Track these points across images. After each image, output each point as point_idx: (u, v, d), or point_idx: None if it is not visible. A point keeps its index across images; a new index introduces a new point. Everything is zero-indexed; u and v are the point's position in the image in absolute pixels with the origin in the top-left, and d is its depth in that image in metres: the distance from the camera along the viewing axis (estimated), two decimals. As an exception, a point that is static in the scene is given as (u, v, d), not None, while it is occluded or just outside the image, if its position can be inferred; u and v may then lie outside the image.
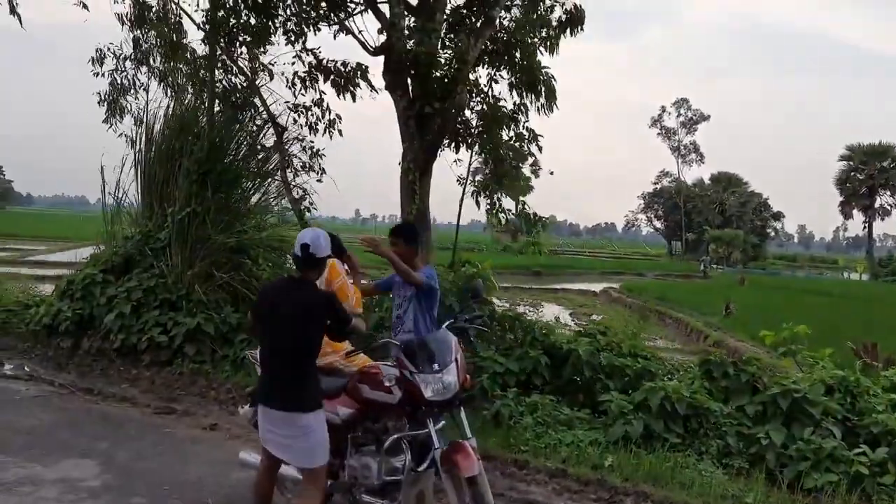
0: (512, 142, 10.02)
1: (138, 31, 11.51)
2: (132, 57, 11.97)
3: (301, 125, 9.97)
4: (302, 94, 9.78)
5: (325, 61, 9.31)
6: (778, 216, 77.17)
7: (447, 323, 4.86)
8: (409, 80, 8.41)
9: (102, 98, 12.20)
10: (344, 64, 9.21)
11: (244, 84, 9.82)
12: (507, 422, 7.24)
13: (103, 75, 12.02)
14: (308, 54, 9.32)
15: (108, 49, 11.84)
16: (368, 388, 4.62)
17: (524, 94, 9.81)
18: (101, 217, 11.02)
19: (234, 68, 10.01)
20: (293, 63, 9.54)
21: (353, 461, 4.68)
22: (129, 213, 10.76)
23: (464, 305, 5.23)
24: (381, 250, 5.39)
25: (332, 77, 9.21)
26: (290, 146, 10.03)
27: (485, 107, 10.04)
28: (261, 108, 9.83)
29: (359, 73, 9.11)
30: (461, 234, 14.39)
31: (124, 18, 11.45)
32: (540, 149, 10.19)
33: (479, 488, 4.11)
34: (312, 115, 9.92)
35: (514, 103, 10.00)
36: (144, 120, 10.76)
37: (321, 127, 9.95)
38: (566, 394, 8.14)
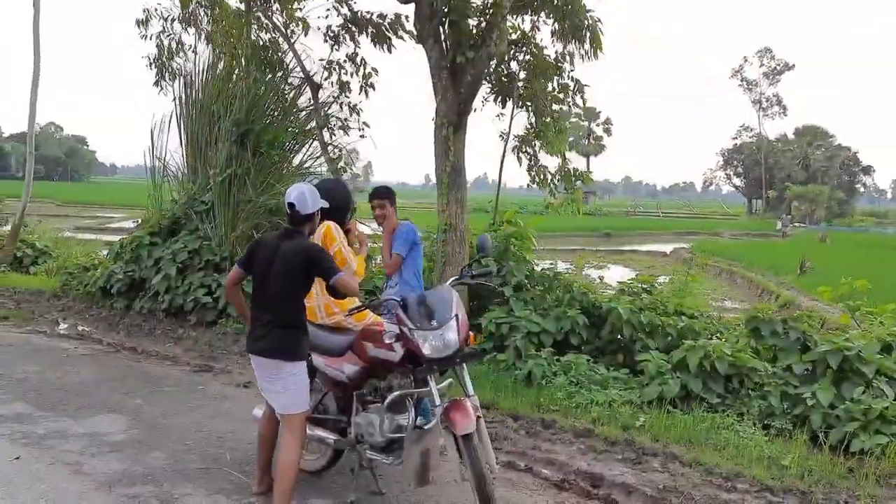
0: (556, 93, 9.66)
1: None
2: (179, 17, 12.00)
3: (334, 82, 9.84)
4: (336, 50, 9.66)
5: (360, 13, 9.11)
6: (868, 170, 73.35)
7: (452, 279, 4.70)
8: (440, 29, 8.15)
9: (151, 61, 12.32)
10: (381, 16, 9.00)
11: (278, 40, 9.71)
12: (540, 381, 7.07)
13: (150, 38, 12.12)
14: (343, 6, 9.13)
15: (155, 10, 11.91)
16: (372, 345, 4.52)
17: (568, 41, 9.38)
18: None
19: (270, 24, 9.91)
20: (326, 16, 9.39)
21: (358, 419, 4.62)
22: (176, 177, 10.90)
23: (472, 261, 5.04)
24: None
25: (368, 29, 9.01)
26: (329, 106, 9.94)
27: (527, 56, 9.69)
28: (295, 66, 9.73)
29: (397, 24, 8.88)
30: (525, 196, 14.03)
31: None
32: (584, 100, 9.81)
33: (474, 447, 3.95)
34: (346, 71, 9.79)
35: (557, 52, 9.61)
36: (193, 82, 10.82)
37: (356, 83, 9.80)
38: (605, 354, 7.92)
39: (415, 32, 8.43)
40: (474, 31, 8.26)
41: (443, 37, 8.22)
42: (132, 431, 5.79)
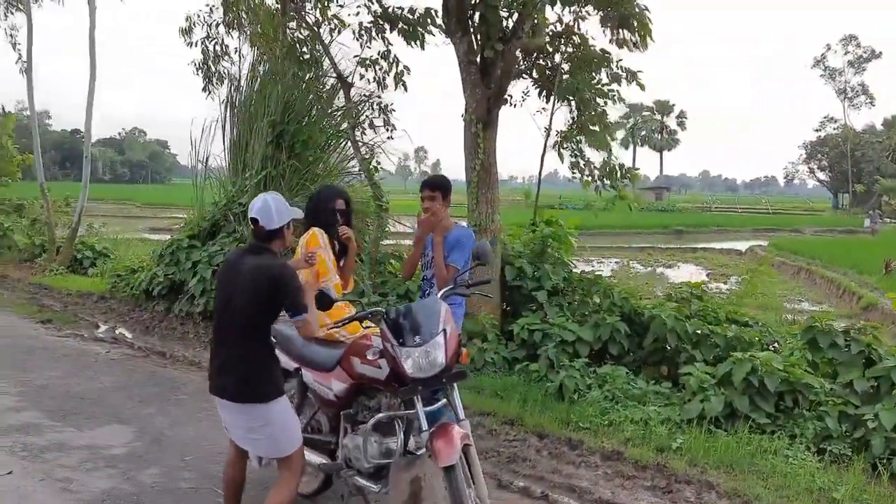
0: (601, 85, 9.08)
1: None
2: (224, 21, 11.95)
3: (368, 80, 9.56)
4: (368, 48, 9.34)
5: (391, 9, 8.77)
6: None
7: (443, 290, 4.26)
8: (469, 22, 7.72)
9: (198, 67, 12.31)
10: (412, 11, 8.65)
11: (310, 38, 9.45)
12: (572, 395, 6.57)
13: (195, 44, 12.11)
14: (374, 2, 8.82)
15: (198, 17, 11.89)
16: (359, 361, 4.14)
17: (616, 30, 8.80)
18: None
19: (303, 23, 9.67)
20: (357, 13, 9.09)
21: (346, 440, 4.24)
22: (218, 179, 10.81)
23: (469, 268, 4.58)
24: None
25: (399, 25, 8.65)
26: (364, 105, 9.63)
27: (570, 48, 9.16)
28: (328, 65, 9.46)
29: (428, 18, 8.50)
30: (578, 193, 13.38)
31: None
32: (642, 87, 9.16)
33: (457, 480, 3.51)
34: (380, 68, 9.47)
35: (609, 41, 9.03)
36: (240, 85, 10.72)
37: (389, 81, 9.45)
38: (647, 365, 7.34)
39: (444, 29, 8.02)
40: (505, 24, 7.78)
41: (472, 30, 7.78)
42: (134, 444, 5.59)
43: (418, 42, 8.58)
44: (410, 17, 8.68)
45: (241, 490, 4.12)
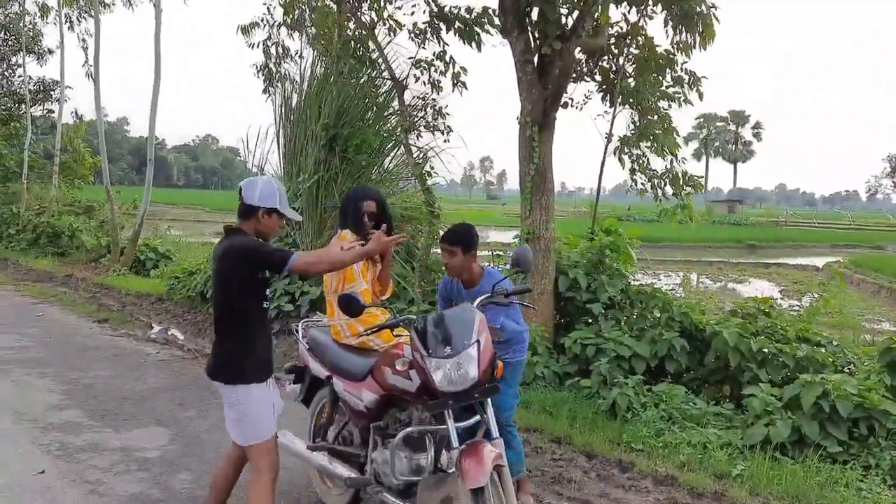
0: (667, 88, 8.67)
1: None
2: (285, 22, 11.93)
3: (424, 82, 9.34)
4: (423, 48, 9.13)
5: (447, 8, 8.54)
6: None
7: (480, 298, 3.97)
8: (526, 20, 7.44)
9: (258, 69, 12.33)
10: (468, 10, 8.40)
11: (365, 38, 9.30)
12: (624, 414, 6.19)
13: (256, 46, 12.13)
14: (430, 2, 8.60)
15: (261, 19, 11.91)
16: (390, 371, 3.90)
17: (679, 30, 8.39)
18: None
19: (359, 24, 9.52)
20: (412, 13, 8.90)
21: (376, 454, 4.02)
22: (272, 183, 10.76)
23: (507, 275, 4.27)
24: None
25: (455, 25, 8.42)
26: (418, 108, 9.43)
27: (634, 49, 8.78)
28: (383, 67, 9.28)
29: (484, 17, 8.25)
30: (649, 206, 12.81)
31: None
32: (701, 95, 8.75)
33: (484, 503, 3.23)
34: (436, 69, 9.25)
35: (672, 43, 8.62)
36: (300, 87, 10.66)
37: (445, 83, 9.23)
38: (708, 385, 6.90)
39: (499, 25, 7.75)
40: (564, 21, 7.47)
41: (529, 28, 7.50)
42: (169, 447, 5.48)
43: (475, 43, 8.32)
44: (467, 16, 8.43)
45: (228, 492, 3.93)
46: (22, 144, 20.88)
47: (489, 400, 3.63)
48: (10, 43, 23.73)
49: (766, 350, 6.65)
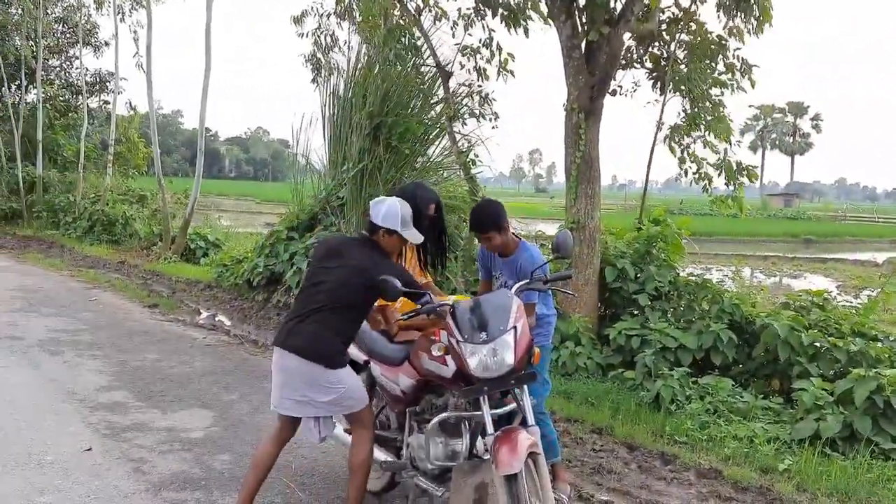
0: (718, 74, 8.46)
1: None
2: (335, 11, 11.99)
3: (470, 70, 9.28)
4: (469, 35, 9.07)
5: (492, -6, 8.46)
6: None
7: (519, 284, 3.91)
8: (573, 3, 7.32)
9: (307, 59, 12.43)
10: (514, -7, 8.31)
11: (410, 25, 9.28)
12: (668, 406, 6.07)
13: (306, 35, 12.23)
14: (475, -11, 8.55)
15: (311, 8, 12.00)
16: (427, 356, 3.87)
17: (733, 13, 8.18)
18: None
19: (404, 11, 9.51)
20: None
21: (412, 439, 4.01)
22: (318, 172, 10.85)
23: (547, 261, 4.18)
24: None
25: (500, 11, 8.33)
26: (461, 96, 9.38)
27: (685, 35, 8.59)
28: (428, 54, 9.25)
29: (529, 2, 8.14)
30: (703, 199, 12.48)
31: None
32: (753, 83, 8.51)
33: (518, 492, 3.18)
34: (482, 56, 9.17)
35: (723, 28, 8.42)
36: (347, 76, 10.70)
37: (492, 70, 9.15)
38: (756, 378, 6.72)
39: (545, 10, 7.65)
40: (612, 5, 7.34)
41: (576, 12, 7.38)
42: (212, 429, 5.55)
43: (521, 28, 8.23)
44: (511, 1, 8.34)
45: (267, 472, 3.96)
46: (79, 135, 21.43)
47: (526, 387, 3.58)
48: (67, 35, 24.39)
49: (818, 344, 6.45)
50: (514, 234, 4.36)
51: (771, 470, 5.09)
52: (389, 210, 3.87)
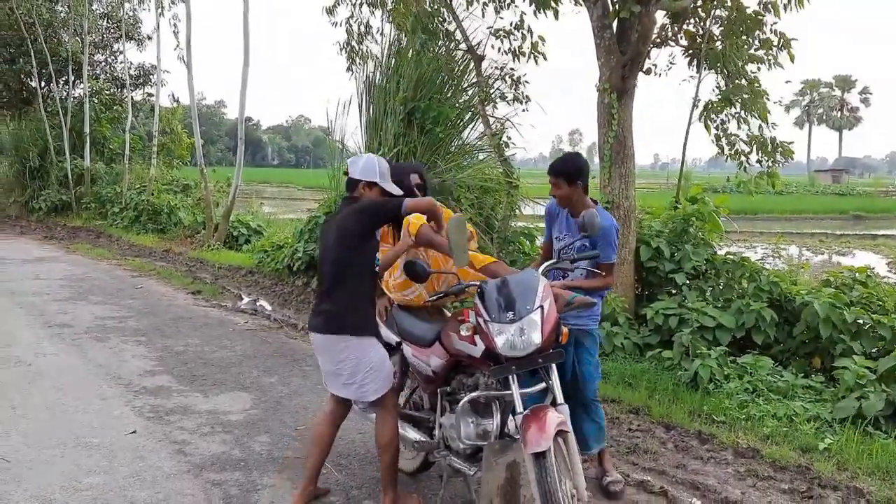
0: (754, 50, 8.28)
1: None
2: (367, 1, 12.03)
3: (503, 52, 9.21)
4: (501, 18, 9.01)
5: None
6: None
7: (546, 264, 3.93)
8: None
9: (342, 47, 12.50)
10: (543, -24, 8.22)
11: (441, 8, 9.24)
12: (706, 386, 6.02)
13: (339, 24, 12.30)
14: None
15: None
16: (457, 336, 3.90)
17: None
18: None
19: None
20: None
21: (443, 419, 4.05)
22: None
23: (575, 240, 4.17)
24: None
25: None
26: (495, 78, 9.35)
27: (721, 11, 8.42)
28: (460, 38, 9.22)
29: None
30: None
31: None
32: (792, 58, 8.31)
33: (547, 469, 3.20)
34: (514, 38, 9.11)
35: (759, 3, 8.24)
36: (380, 62, 10.75)
37: (525, 51, 9.06)
38: (797, 357, 6.62)
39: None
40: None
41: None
42: (252, 411, 5.68)
43: (550, 11, 8.14)
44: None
45: (330, 447, 4.09)
46: (124, 127, 21.89)
47: (554, 366, 3.59)
48: (111, 31, 24.87)
49: (860, 321, 6.32)
50: (591, 199, 4.39)
51: (811, 449, 5.02)
52: (367, 163, 3.99)
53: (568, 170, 4.32)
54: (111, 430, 5.18)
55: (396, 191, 4.05)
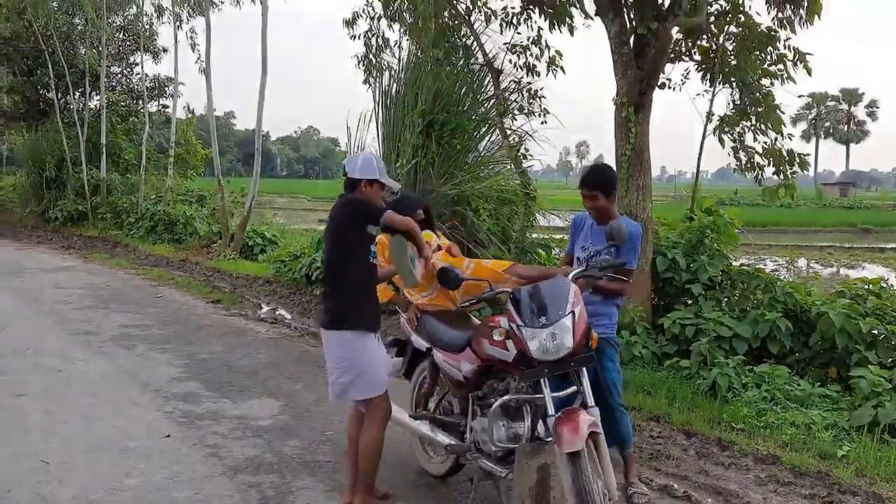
0: (769, 65, 8.43)
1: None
2: (386, 14, 12.21)
3: (519, 66, 9.39)
4: (518, 33, 9.20)
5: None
6: None
7: (575, 271, 4.07)
8: (622, 0, 7.39)
9: (359, 60, 12.69)
10: (559, -7, 8.40)
11: (460, 25, 9.43)
12: (725, 394, 6.14)
13: (358, 37, 12.49)
14: (522, -11, 8.66)
15: (363, 10, 12.25)
16: (488, 342, 4.04)
17: (783, 5, 8.15)
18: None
19: (454, 11, 9.68)
20: (503, -2, 8.98)
21: (475, 423, 4.19)
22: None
23: (603, 249, 4.30)
24: None
25: (544, 9, 8.42)
26: (512, 92, 9.52)
27: (736, 27, 8.57)
28: (476, 51, 9.40)
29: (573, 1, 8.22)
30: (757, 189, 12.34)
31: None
32: (809, 71, 8.45)
33: (581, 469, 3.33)
34: (531, 54, 9.29)
35: (773, 19, 8.38)
36: (398, 76, 10.93)
37: (541, 67, 9.27)
38: (813, 367, 6.73)
39: (594, 6, 7.71)
40: (660, 1, 7.39)
41: (624, 8, 7.45)
42: (280, 417, 5.82)
43: (565, 26, 8.31)
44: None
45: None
46: (140, 138, 22.15)
47: (584, 370, 3.73)
48: (128, 43, 25.20)
49: (875, 331, 6.44)
50: (617, 212, 4.56)
51: (829, 456, 5.13)
52: (365, 161, 4.13)
53: (605, 183, 4.46)
54: (146, 434, 5.33)
55: (395, 185, 4.35)
